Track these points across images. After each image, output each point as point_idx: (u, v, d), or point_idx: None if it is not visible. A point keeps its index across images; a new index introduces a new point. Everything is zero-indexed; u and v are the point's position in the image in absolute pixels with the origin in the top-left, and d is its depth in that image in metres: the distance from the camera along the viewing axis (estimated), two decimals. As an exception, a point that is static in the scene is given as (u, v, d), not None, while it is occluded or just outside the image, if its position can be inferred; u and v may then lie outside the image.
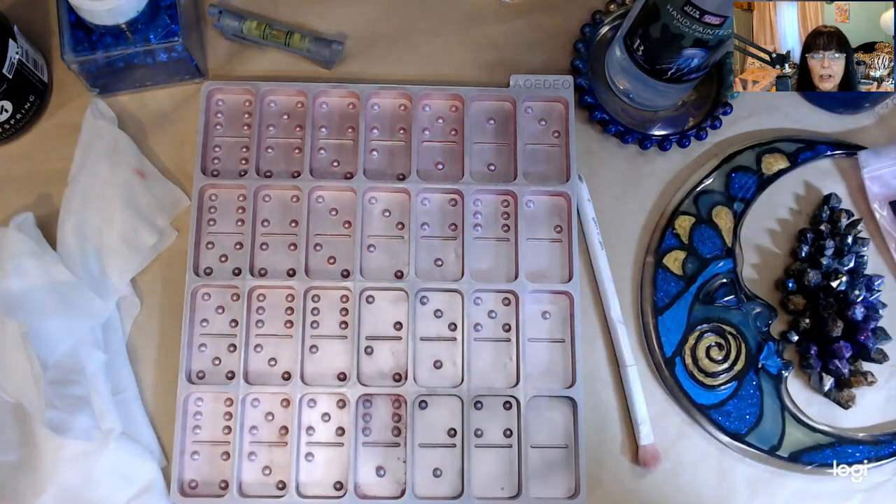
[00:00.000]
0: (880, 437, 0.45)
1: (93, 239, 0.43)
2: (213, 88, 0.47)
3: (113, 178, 0.44)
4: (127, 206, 0.44)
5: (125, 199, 0.44)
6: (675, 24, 0.40)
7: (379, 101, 0.48)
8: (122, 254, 0.43)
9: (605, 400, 0.45)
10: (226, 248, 0.45)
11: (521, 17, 0.50)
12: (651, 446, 0.43)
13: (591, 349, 0.45)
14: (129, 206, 0.44)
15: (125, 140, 0.45)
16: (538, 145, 0.47)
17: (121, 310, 0.44)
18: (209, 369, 0.44)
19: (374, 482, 0.42)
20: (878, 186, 0.48)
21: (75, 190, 0.44)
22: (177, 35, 0.44)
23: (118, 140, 0.45)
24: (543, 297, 0.45)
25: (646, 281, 0.46)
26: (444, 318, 0.45)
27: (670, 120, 0.49)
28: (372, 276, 0.45)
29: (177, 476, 0.41)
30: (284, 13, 0.49)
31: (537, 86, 0.47)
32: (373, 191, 0.46)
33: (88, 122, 0.45)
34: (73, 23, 0.43)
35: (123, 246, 0.43)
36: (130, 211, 0.44)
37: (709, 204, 0.47)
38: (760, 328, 0.45)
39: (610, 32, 0.50)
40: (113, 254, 0.43)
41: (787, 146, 0.48)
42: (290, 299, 0.45)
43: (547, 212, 0.47)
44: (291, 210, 0.46)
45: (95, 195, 0.44)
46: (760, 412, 0.44)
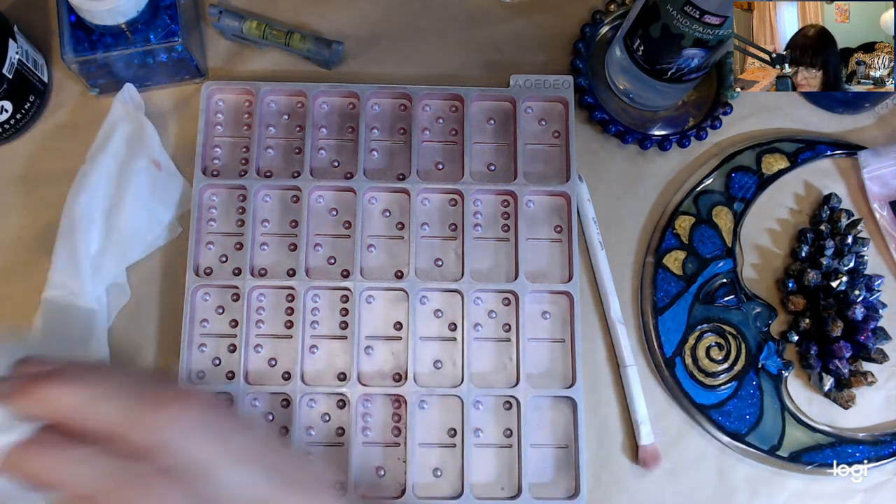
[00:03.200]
0: (880, 437, 0.45)
1: (98, 219, 0.43)
2: (213, 88, 0.47)
3: (131, 163, 0.44)
4: (138, 195, 0.44)
5: (137, 186, 0.44)
6: (675, 24, 0.40)
7: (379, 101, 0.48)
8: (124, 240, 0.43)
9: (605, 400, 0.45)
10: (226, 248, 0.45)
11: (521, 17, 0.50)
12: (651, 446, 0.43)
13: (591, 349, 0.45)
14: (139, 194, 0.44)
15: (150, 129, 0.45)
16: (538, 145, 0.47)
17: (109, 296, 0.44)
18: (209, 369, 0.44)
19: (374, 482, 0.42)
20: (878, 186, 0.48)
21: (92, 168, 0.44)
22: (177, 35, 0.44)
23: (143, 127, 0.45)
24: (543, 297, 0.45)
25: (646, 281, 0.46)
26: (444, 318, 0.45)
27: (670, 120, 0.49)
28: (372, 276, 0.45)
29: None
30: (284, 13, 0.49)
31: (537, 86, 0.47)
32: (373, 191, 0.46)
33: (117, 105, 0.45)
34: (73, 23, 0.43)
35: (126, 232, 0.43)
36: (140, 200, 0.44)
37: (709, 204, 0.47)
38: (760, 328, 0.45)
39: (610, 32, 0.50)
40: (115, 238, 0.43)
41: (787, 146, 0.48)
42: (290, 299, 0.45)
43: (547, 212, 0.47)
44: (291, 210, 0.46)
45: (111, 176, 0.44)
46: (760, 412, 0.44)
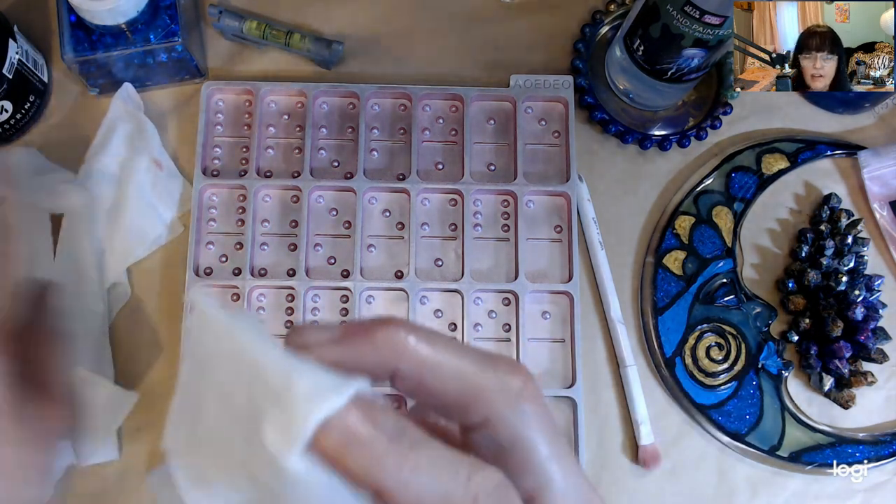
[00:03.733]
0: (880, 437, 0.45)
1: (101, 219, 0.43)
2: (213, 88, 0.47)
3: (132, 163, 0.44)
4: (140, 194, 0.44)
5: (139, 186, 0.44)
6: (675, 24, 0.40)
7: (379, 101, 0.48)
8: (126, 240, 0.44)
9: (605, 400, 0.45)
10: (226, 248, 0.45)
11: (521, 17, 0.50)
12: (651, 446, 0.43)
13: (591, 349, 0.45)
14: (142, 194, 0.44)
15: (150, 128, 0.45)
16: (538, 145, 0.47)
17: (110, 296, 0.44)
18: (209, 369, 0.43)
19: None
20: (878, 186, 0.48)
21: (93, 167, 0.44)
22: (177, 35, 0.44)
23: (143, 127, 0.45)
24: (543, 297, 0.45)
25: (646, 281, 0.46)
26: (444, 318, 0.45)
27: (670, 120, 0.49)
28: (372, 276, 0.45)
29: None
30: (284, 13, 0.49)
31: (537, 86, 0.47)
32: (373, 191, 0.46)
33: (116, 104, 0.45)
34: (73, 23, 0.43)
35: (128, 232, 0.44)
36: (143, 199, 0.44)
37: (709, 204, 0.47)
38: (760, 328, 0.45)
39: (610, 32, 0.50)
40: (117, 238, 0.44)
41: (787, 146, 0.48)
42: (290, 299, 0.45)
43: (547, 212, 0.47)
44: (291, 210, 0.46)
45: (113, 176, 0.44)
46: (760, 412, 0.44)
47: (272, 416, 0.17)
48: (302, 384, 0.17)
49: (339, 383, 0.17)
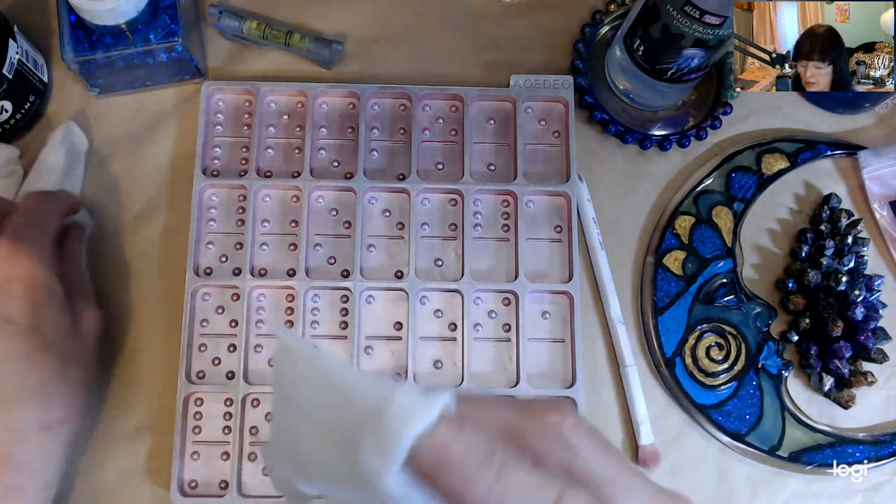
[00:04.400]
0: (880, 437, 0.45)
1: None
2: (213, 88, 0.47)
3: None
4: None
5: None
6: (675, 24, 0.40)
7: (379, 101, 0.48)
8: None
9: (605, 400, 0.45)
10: (226, 248, 0.45)
11: (521, 17, 0.50)
12: (651, 446, 0.43)
13: (591, 349, 0.45)
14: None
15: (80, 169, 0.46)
16: (538, 145, 0.47)
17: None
18: (209, 369, 0.44)
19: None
20: (878, 186, 0.48)
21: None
22: (177, 35, 0.44)
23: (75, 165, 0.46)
24: (543, 297, 0.45)
25: (646, 281, 0.46)
26: (444, 318, 0.45)
27: (670, 120, 0.49)
28: (372, 276, 0.45)
29: (177, 476, 0.41)
30: (284, 13, 0.49)
31: (537, 86, 0.47)
32: (373, 191, 0.46)
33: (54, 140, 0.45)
34: (73, 23, 0.43)
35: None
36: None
37: (709, 204, 0.47)
38: (760, 328, 0.45)
39: (610, 32, 0.50)
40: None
41: (787, 146, 0.48)
42: (290, 299, 0.45)
43: (547, 212, 0.47)
44: (291, 210, 0.46)
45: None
46: (760, 412, 0.44)
47: (367, 439, 0.18)
48: (393, 404, 0.18)
49: (428, 400, 0.18)
